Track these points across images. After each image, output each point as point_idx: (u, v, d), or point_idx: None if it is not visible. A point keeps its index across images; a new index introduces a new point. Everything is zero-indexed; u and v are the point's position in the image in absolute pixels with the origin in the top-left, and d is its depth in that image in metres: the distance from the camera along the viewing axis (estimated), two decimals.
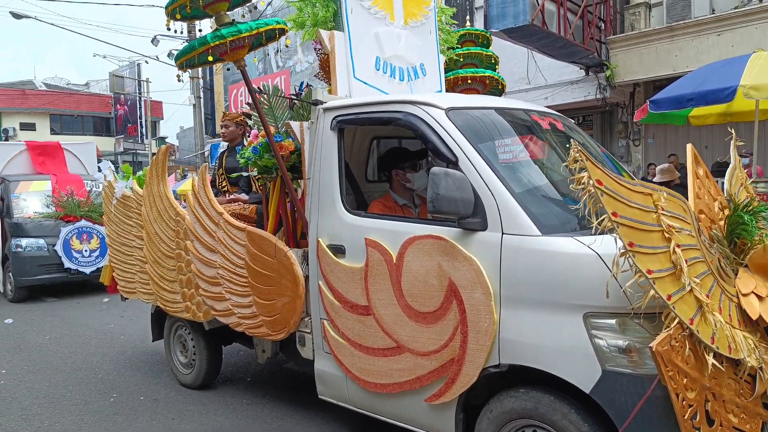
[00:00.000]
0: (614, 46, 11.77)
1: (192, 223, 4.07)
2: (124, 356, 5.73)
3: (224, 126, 4.95)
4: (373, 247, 3.08)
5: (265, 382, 4.86)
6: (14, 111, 34.60)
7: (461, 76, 4.59)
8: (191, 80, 23.38)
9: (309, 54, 20.22)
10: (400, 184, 3.60)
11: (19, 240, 8.63)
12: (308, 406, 4.18)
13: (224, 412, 4.20)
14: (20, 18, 21.17)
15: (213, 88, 24.65)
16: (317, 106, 3.48)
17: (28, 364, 5.54)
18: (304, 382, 4.66)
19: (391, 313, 3.02)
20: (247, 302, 3.78)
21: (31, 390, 4.76)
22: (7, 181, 9.13)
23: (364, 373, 3.18)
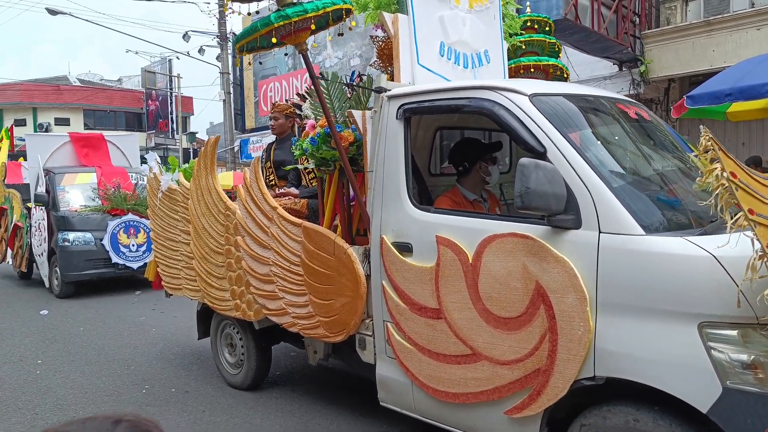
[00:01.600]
0: (649, 41, 11.37)
1: (243, 218, 3.86)
2: (156, 348, 5.71)
3: (274, 118, 4.73)
4: (445, 245, 2.82)
5: (295, 378, 4.74)
6: (49, 106, 35.09)
7: (523, 65, 4.30)
8: (221, 75, 23.39)
9: (338, 49, 20.01)
10: (472, 178, 3.33)
11: (66, 234, 8.27)
12: (349, 406, 3.98)
13: (254, 405, 4.13)
14: (55, 14, 21.34)
15: (243, 83, 24.58)
16: (381, 94, 3.23)
17: (63, 354, 5.57)
18: (330, 376, 4.46)
19: (465, 317, 2.77)
20: (303, 301, 3.56)
21: (65, 380, 4.78)
22: (53, 174, 8.85)
23: (433, 381, 2.93)
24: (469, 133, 3.87)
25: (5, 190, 10.12)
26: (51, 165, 9.06)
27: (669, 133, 3.21)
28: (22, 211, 9.33)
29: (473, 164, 3.30)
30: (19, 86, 35.51)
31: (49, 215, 8.53)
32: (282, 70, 22.27)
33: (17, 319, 7.24)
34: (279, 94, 22.27)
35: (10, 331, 6.63)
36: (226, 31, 22.70)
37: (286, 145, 4.70)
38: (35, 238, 8.85)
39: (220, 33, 22.58)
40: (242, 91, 24.41)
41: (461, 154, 3.38)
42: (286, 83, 22.03)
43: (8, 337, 6.36)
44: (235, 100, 23.99)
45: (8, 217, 9.92)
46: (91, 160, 9.25)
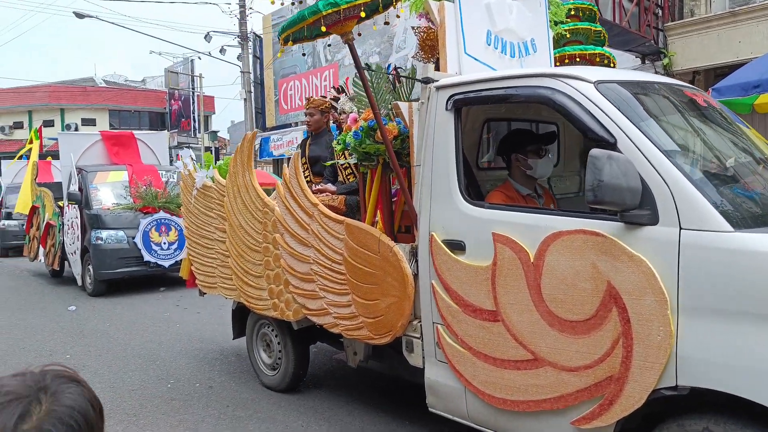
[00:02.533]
0: (672, 33, 11.01)
1: (282, 215, 3.68)
2: (180, 344, 5.72)
3: (309, 114, 4.54)
4: (503, 243, 2.61)
5: (319, 374, 4.63)
6: (77, 107, 35.42)
7: (568, 54, 4.06)
8: (242, 75, 23.35)
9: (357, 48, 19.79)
10: (521, 172, 3.12)
11: (99, 232, 8.13)
12: (380, 408, 3.80)
13: (277, 401, 4.09)
14: (83, 17, 21.42)
15: (263, 82, 24.52)
16: (429, 84, 3.02)
17: (91, 349, 5.63)
18: (362, 376, 4.28)
19: (526, 320, 2.56)
20: (345, 301, 3.37)
21: (93, 375, 4.80)
22: (85, 172, 8.72)
23: (489, 387, 2.73)
24: (517, 125, 3.64)
25: (37, 189, 10.08)
26: (83, 163, 8.95)
27: (736, 122, 2.96)
28: (54, 210, 9.24)
29: (523, 157, 3.08)
30: (48, 88, 35.91)
31: (82, 213, 8.38)
32: (302, 68, 22.15)
33: (47, 315, 7.32)
34: (299, 93, 22.17)
35: (40, 326, 6.74)
36: (246, 30, 22.68)
37: (321, 140, 4.53)
38: (68, 236, 8.74)
39: (241, 33, 22.55)
40: (263, 89, 24.36)
41: (504, 146, 3.17)
42: (306, 81, 21.93)
43: (39, 331, 6.46)
44: (256, 98, 23.95)
45: (40, 215, 9.86)
46: (122, 158, 9.12)
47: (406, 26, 18.58)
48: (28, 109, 35.93)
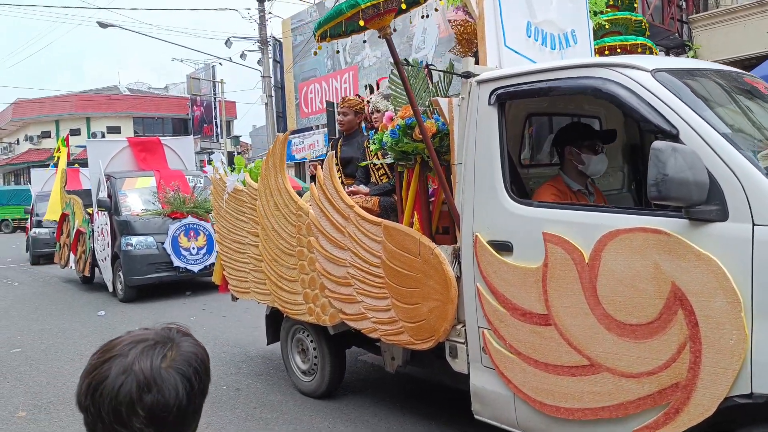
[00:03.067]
0: (697, 26, 10.70)
1: (317, 218, 3.59)
2: (206, 347, 5.51)
3: (342, 113, 4.44)
4: (554, 243, 2.48)
5: (350, 378, 4.48)
6: (101, 115, 36.00)
7: (608, 45, 3.90)
8: (263, 79, 23.43)
9: (377, 49, 19.77)
10: (573, 166, 2.97)
11: (129, 238, 8.10)
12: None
13: (303, 403, 4.09)
14: (106, 27, 21.68)
15: (284, 86, 24.61)
16: (469, 79, 2.90)
17: None
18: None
19: (581, 323, 2.42)
20: (384, 305, 3.26)
21: None
22: (114, 178, 8.70)
23: (540, 394, 2.59)
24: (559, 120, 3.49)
25: (66, 197, 10.15)
26: (111, 170, 8.96)
27: None
28: (84, 217, 9.27)
29: (577, 151, 2.93)
30: (74, 97, 36.55)
31: (111, 220, 8.36)
32: (322, 71, 22.18)
33: (77, 320, 7.41)
34: (319, 96, 22.19)
35: (71, 330, 6.81)
36: (266, 35, 22.75)
37: (353, 141, 4.42)
38: (98, 242, 8.73)
39: (261, 38, 22.62)
40: (283, 93, 24.44)
41: (567, 138, 3.02)
42: (326, 84, 21.94)
43: (70, 335, 6.52)
44: (277, 102, 24.02)
45: (70, 222, 9.92)
46: (149, 164, 9.13)
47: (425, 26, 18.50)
48: (55, 119, 36.63)
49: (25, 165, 34.63)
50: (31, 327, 7.06)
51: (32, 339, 6.45)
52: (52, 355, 5.72)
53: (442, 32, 17.72)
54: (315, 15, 22.15)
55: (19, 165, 38.03)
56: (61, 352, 5.83)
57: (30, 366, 5.37)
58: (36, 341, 6.34)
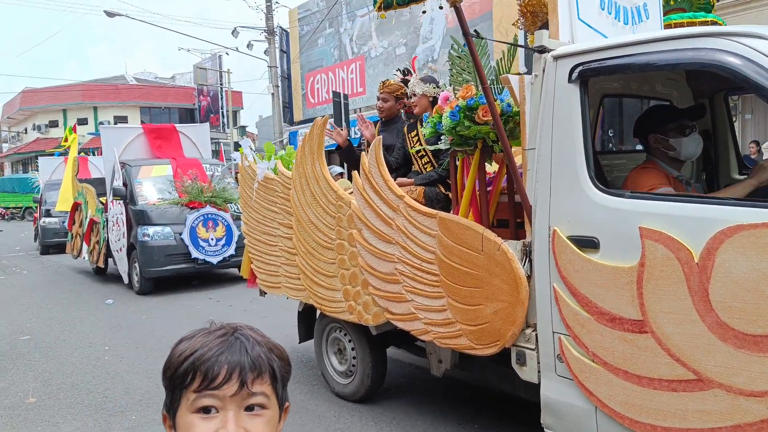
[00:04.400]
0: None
1: (360, 209, 3.24)
2: None
3: (383, 99, 4.07)
4: (654, 240, 2.13)
5: None
6: (109, 105, 35.58)
7: (675, 23, 3.51)
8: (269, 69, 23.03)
9: (383, 39, 19.35)
10: (663, 153, 2.61)
11: (146, 228, 7.65)
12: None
13: (309, 391, 4.02)
14: (113, 16, 21.23)
15: (290, 76, 24.20)
16: (543, 54, 2.53)
17: (128, 341, 5.59)
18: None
19: (686, 332, 2.07)
20: (439, 306, 2.92)
21: (131, 365, 4.81)
22: (129, 166, 8.26)
23: (631, 410, 2.25)
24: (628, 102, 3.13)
25: (79, 185, 9.77)
26: (125, 158, 8.52)
27: None
28: (97, 206, 8.87)
29: (663, 137, 2.57)
30: (81, 87, 36.11)
31: (127, 209, 7.96)
32: (328, 61, 21.77)
33: (85, 309, 7.25)
34: (325, 86, 21.81)
35: (79, 319, 6.67)
36: (273, 25, 22.31)
37: (393, 128, 4.06)
38: (113, 233, 8.30)
39: (268, 27, 22.18)
40: (290, 83, 24.04)
41: (648, 125, 2.66)
42: (332, 74, 21.54)
43: (78, 324, 6.42)
44: (283, 92, 23.64)
45: (83, 212, 9.52)
46: (164, 151, 8.67)
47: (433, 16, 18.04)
48: (63, 108, 36.21)
49: (33, 154, 34.26)
50: (40, 315, 6.95)
51: (42, 327, 6.35)
52: (61, 343, 5.64)
53: (449, 22, 17.30)
54: (322, 5, 21.71)
55: (27, 154, 37.66)
56: (69, 341, 5.74)
57: (40, 353, 5.32)
58: (45, 329, 6.24)
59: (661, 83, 3.13)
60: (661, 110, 2.69)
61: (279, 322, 6.04)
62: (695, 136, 2.60)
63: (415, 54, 17.53)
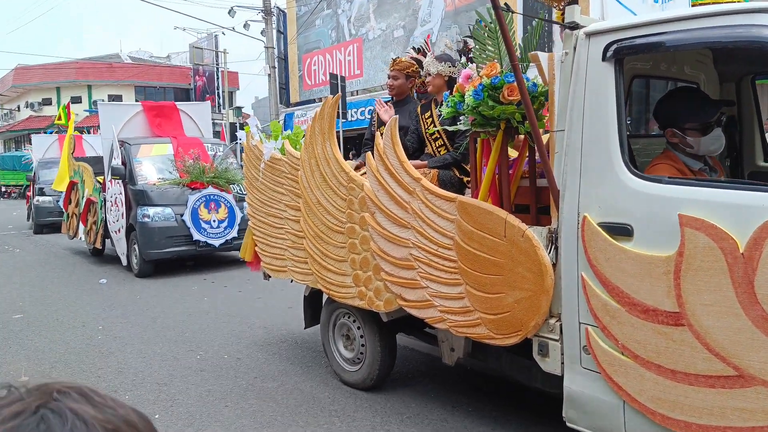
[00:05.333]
0: None
1: (374, 192, 3.08)
2: (207, 317, 5.55)
3: (393, 77, 3.90)
4: (695, 228, 2.00)
5: None
6: (103, 83, 34.95)
7: (699, 3, 3.35)
8: (266, 50, 22.67)
9: (381, 21, 19.03)
10: (682, 147, 2.47)
11: (146, 209, 7.31)
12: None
13: (303, 373, 3.98)
14: None
15: (287, 57, 23.81)
16: (575, 30, 2.37)
17: (122, 321, 5.50)
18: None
19: (727, 326, 1.95)
20: (456, 293, 2.78)
21: (124, 345, 4.75)
22: (128, 145, 7.87)
23: (663, 406, 2.14)
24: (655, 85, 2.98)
25: (75, 164, 9.48)
26: (124, 136, 8.18)
27: None
28: (94, 185, 8.58)
29: (681, 134, 2.42)
30: (75, 64, 35.40)
31: (126, 189, 7.64)
32: (326, 43, 21.43)
33: (79, 288, 7.11)
34: (323, 68, 21.49)
35: (73, 298, 6.55)
36: (270, 5, 21.90)
37: (405, 108, 3.89)
38: (111, 213, 7.98)
39: (265, 7, 21.76)
40: (287, 65, 23.66)
41: (666, 117, 2.51)
42: (329, 56, 21.22)
43: (71, 303, 6.30)
44: (280, 74, 23.27)
45: (79, 191, 9.24)
46: (165, 130, 8.33)
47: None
48: (56, 86, 35.54)
49: (26, 132, 33.69)
50: (33, 294, 6.81)
51: (35, 305, 6.22)
52: (54, 322, 5.53)
53: (448, 5, 17.02)
54: None
55: (20, 132, 37.04)
56: (63, 319, 5.63)
57: (32, 332, 5.21)
58: (38, 308, 6.11)
59: (690, 65, 2.98)
60: (683, 103, 2.51)
61: (273, 303, 5.95)
62: (716, 133, 2.43)
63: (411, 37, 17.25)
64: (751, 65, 2.98)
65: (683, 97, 2.57)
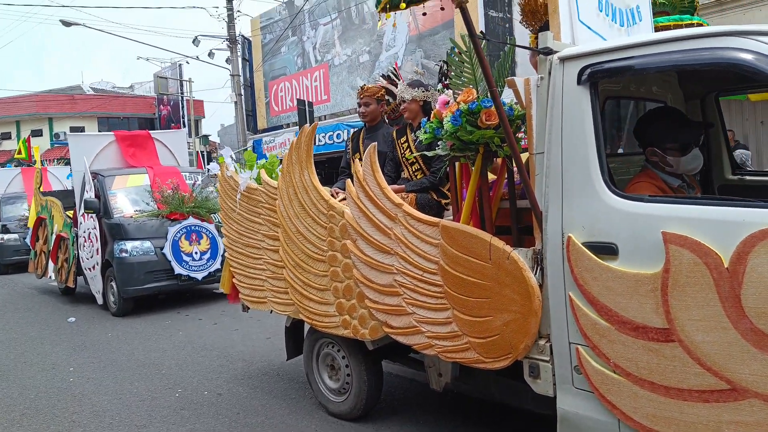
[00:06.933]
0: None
1: (355, 219, 3.03)
2: (184, 352, 5.40)
3: (364, 104, 3.88)
4: (679, 245, 2.01)
5: None
6: (65, 115, 34.13)
7: (662, 25, 3.46)
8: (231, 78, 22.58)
9: (347, 47, 19.18)
10: (661, 166, 2.51)
11: (123, 243, 6.96)
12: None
13: (288, 407, 3.86)
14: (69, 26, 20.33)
15: (253, 84, 23.74)
16: (549, 56, 2.40)
17: (94, 361, 5.28)
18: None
19: (717, 339, 1.96)
20: (443, 318, 2.74)
21: (99, 386, 4.55)
22: (101, 176, 7.52)
23: (659, 423, 2.12)
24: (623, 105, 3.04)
25: (42, 199, 9.07)
26: (96, 167, 7.81)
27: None
28: (65, 221, 8.17)
29: (661, 153, 2.47)
30: (35, 97, 34.56)
31: (101, 223, 7.26)
32: (292, 69, 21.45)
33: (46, 328, 6.81)
34: (289, 94, 21.47)
35: (40, 339, 6.28)
36: (235, 33, 21.87)
37: (378, 133, 3.88)
38: (84, 249, 7.56)
39: (230, 36, 21.71)
40: (253, 92, 23.57)
41: (646, 136, 2.55)
42: (296, 82, 21.23)
43: (39, 344, 6.05)
44: (246, 101, 23.15)
45: (48, 227, 8.80)
46: (139, 160, 8.02)
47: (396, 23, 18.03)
48: (16, 119, 34.53)
49: None
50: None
51: (0, 349, 5.91)
52: (23, 365, 5.27)
53: (412, 30, 17.28)
54: (284, 13, 21.39)
55: None
56: (31, 362, 5.36)
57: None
58: (4, 351, 5.82)
59: (657, 85, 3.05)
60: (664, 124, 2.56)
61: (250, 334, 5.80)
62: (695, 153, 2.49)
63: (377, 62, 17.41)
64: (714, 84, 3.08)
65: (665, 118, 2.62)
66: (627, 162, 3.13)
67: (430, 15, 15.52)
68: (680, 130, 2.50)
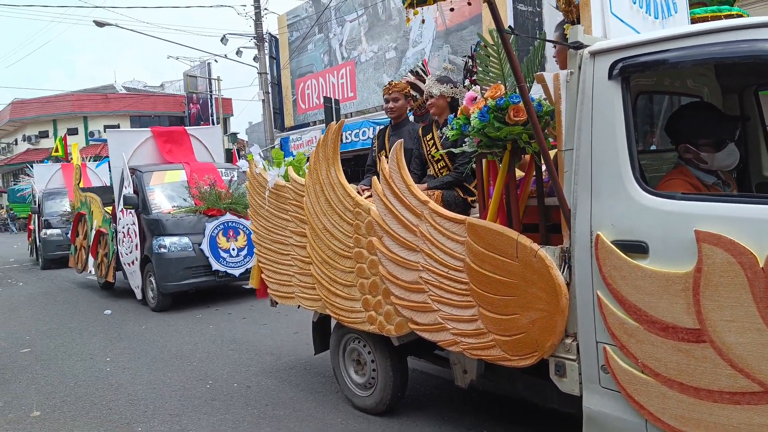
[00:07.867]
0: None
1: (381, 216, 3.05)
2: (214, 345, 5.50)
3: (392, 99, 3.88)
4: (713, 244, 1.96)
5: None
6: (98, 114, 35.05)
7: (698, 17, 3.37)
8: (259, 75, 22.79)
9: (373, 43, 19.18)
10: (695, 163, 2.46)
11: (162, 239, 6.93)
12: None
13: (315, 399, 3.92)
14: (103, 26, 20.82)
15: (280, 82, 23.95)
16: (579, 50, 2.37)
17: (129, 352, 5.44)
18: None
19: (751, 341, 1.91)
20: (469, 315, 2.73)
21: (134, 376, 4.69)
22: (139, 172, 7.53)
23: (688, 425, 2.08)
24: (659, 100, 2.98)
25: (81, 194, 9.21)
26: (134, 163, 7.89)
27: None
28: (104, 216, 8.27)
29: (695, 149, 2.41)
30: (71, 97, 35.55)
31: (140, 219, 7.26)
32: (318, 67, 21.56)
33: (84, 320, 7.03)
34: (316, 92, 21.59)
35: (79, 330, 6.49)
36: (262, 32, 22.09)
37: (403, 130, 3.88)
38: (124, 245, 7.62)
39: (257, 34, 21.94)
40: (280, 90, 23.77)
41: (679, 133, 2.50)
42: (323, 80, 21.34)
43: (78, 335, 6.25)
44: (274, 99, 23.36)
45: (87, 223, 8.96)
46: (176, 156, 8.04)
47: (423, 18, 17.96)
48: (53, 118, 35.62)
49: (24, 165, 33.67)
50: (39, 327, 6.72)
51: (41, 339, 6.14)
52: (62, 355, 5.46)
53: (439, 26, 17.18)
54: (311, 10, 21.50)
55: (17, 165, 36.98)
56: (70, 352, 5.55)
57: (41, 366, 5.15)
58: (45, 341, 6.04)
59: (693, 79, 2.98)
60: (697, 119, 2.49)
61: (278, 329, 5.89)
62: (730, 149, 2.42)
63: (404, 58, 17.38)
64: (753, 77, 2.99)
65: (698, 113, 2.56)
66: (660, 159, 3.07)
67: (458, 10, 15.41)
68: (714, 125, 2.44)
